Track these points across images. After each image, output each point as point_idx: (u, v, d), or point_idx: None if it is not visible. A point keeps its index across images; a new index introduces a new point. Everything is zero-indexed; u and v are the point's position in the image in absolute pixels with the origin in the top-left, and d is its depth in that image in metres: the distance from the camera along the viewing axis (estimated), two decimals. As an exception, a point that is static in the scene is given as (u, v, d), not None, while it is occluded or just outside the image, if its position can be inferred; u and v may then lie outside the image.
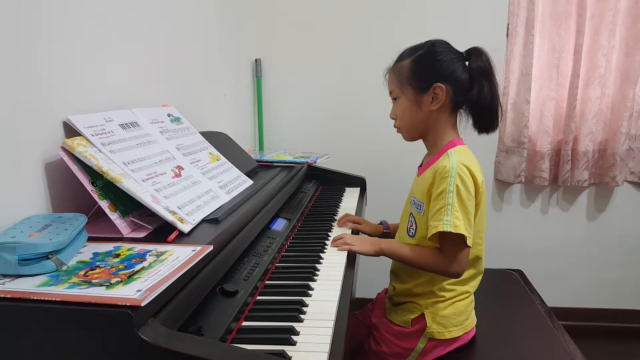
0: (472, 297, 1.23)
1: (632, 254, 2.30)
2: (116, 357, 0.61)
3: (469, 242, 1.07)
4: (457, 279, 1.17)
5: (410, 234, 1.21)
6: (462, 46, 1.18)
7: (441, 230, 1.06)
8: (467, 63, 1.15)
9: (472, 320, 1.23)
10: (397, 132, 1.25)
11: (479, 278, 1.23)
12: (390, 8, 2.16)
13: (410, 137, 1.24)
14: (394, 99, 1.22)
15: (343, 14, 2.19)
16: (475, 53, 1.14)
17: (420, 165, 1.25)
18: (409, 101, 1.17)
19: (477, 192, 1.11)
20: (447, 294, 1.17)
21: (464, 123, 1.21)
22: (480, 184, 1.12)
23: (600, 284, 2.35)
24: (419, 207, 1.17)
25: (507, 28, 2.10)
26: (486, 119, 1.16)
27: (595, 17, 2.03)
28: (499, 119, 1.17)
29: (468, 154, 1.15)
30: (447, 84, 1.13)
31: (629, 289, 2.33)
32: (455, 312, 1.17)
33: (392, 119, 1.24)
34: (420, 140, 1.24)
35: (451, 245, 1.09)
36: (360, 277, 1.58)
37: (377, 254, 1.19)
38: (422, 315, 1.18)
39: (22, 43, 0.82)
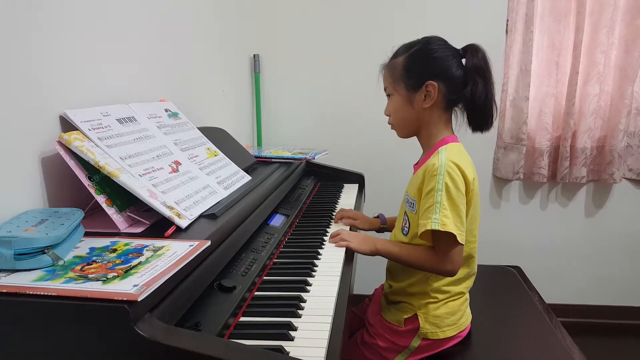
0: (466, 296, 1.23)
1: (630, 251, 2.30)
2: (113, 352, 0.61)
3: (460, 240, 1.06)
4: (451, 280, 1.16)
5: (404, 232, 1.21)
6: (461, 43, 1.17)
7: (429, 228, 1.06)
8: (463, 60, 1.14)
9: (467, 319, 1.22)
10: (391, 128, 1.24)
11: (472, 279, 1.23)
12: (389, 3, 2.16)
13: (403, 134, 1.24)
14: (388, 95, 1.22)
15: (342, 10, 2.19)
16: (471, 50, 1.13)
17: (416, 163, 1.25)
18: (402, 98, 1.17)
19: (468, 190, 1.10)
20: (441, 296, 1.17)
21: (460, 120, 1.20)
22: (472, 182, 1.10)
23: (598, 280, 2.35)
24: (411, 205, 1.17)
25: (507, 24, 2.10)
26: (480, 117, 1.15)
27: (595, 13, 2.03)
28: (494, 118, 1.16)
29: (460, 152, 1.14)
30: (440, 82, 1.12)
31: (627, 285, 2.34)
32: (448, 312, 1.17)
33: (387, 115, 1.23)
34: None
35: (442, 243, 1.09)
36: (359, 273, 1.58)
37: (373, 253, 1.19)
38: (415, 316, 1.17)
39: (19, 37, 0.82)
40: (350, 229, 1.36)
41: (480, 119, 1.16)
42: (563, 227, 2.31)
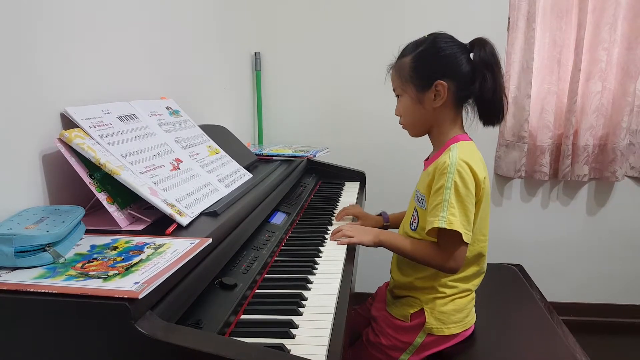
0: (473, 295, 1.23)
1: (632, 249, 2.30)
2: (113, 350, 0.61)
3: (465, 239, 1.06)
4: (460, 276, 1.17)
5: (412, 227, 1.20)
6: (463, 40, 1.16)
7: (436, 226, 1.06)
8: (470, 55, 1.13)
9: (472, 318, 1.22)
10: (403, 128, 1.23)
11: (481, 277, 1.23)
12: (391, 1, 2.15)
13: (415, 133, 1.23)
14: (398, 96, 1.21)
15: (343, 8, 2.18)
16: (479, 44, 1.12)
17: (427, 159, 1.24)
18: (412, 99, 1.16)
19: (479, 188, 1.10)
20: (448, 291, 1.17)
21: (470, 116, 1.19)
22: (482, 181, 1.10)
23: (600, 278, 2.35)
24: (421, 201, 1.17)
25: (508, 22, 2.09)
26: (490, 111, 1.15)
27: (597, 10, 2.02)
28: (504, 112, 1.15)
29: (471, 150, 1.13)
30: (449, 80, 1.11)
31: (629, 283, 2.33)
32: (455, 309, 1.17)
33: (397, 115, 1.23)
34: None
35: (448, 241, 1.09)
36: (361, 271, 1.58)
37: (376, 244, 1.19)
38: (422, 310, 1.17)
39: (19, 34, 0.81)
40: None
41: (491, 114, 1.15)
42: (565, 225, 2.31)
